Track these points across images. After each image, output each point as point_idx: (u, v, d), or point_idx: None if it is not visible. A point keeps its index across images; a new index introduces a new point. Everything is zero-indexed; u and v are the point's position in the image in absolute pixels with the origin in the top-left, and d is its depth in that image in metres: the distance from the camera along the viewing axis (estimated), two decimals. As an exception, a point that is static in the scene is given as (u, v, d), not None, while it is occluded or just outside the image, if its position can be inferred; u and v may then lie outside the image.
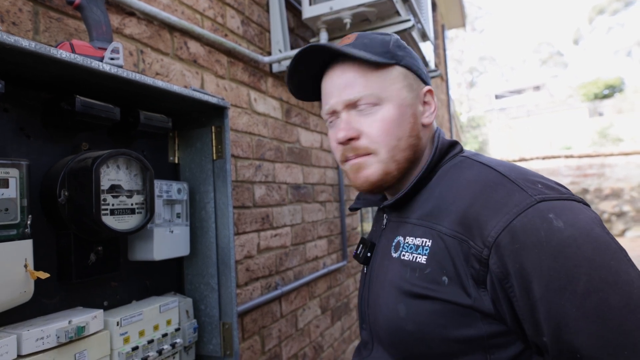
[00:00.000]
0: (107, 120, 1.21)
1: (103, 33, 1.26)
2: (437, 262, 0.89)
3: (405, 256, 0.97)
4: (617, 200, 13.29)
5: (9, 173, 0.99)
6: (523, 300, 0.79)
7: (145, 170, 1.29)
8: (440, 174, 1.01)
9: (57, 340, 1.03)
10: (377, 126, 1.00)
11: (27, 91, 1.14)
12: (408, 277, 0.93)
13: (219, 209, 1.56)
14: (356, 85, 1.01)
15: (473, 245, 0.84)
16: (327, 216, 3.24)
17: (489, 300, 0.83)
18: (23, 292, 1.00)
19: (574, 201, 0.83)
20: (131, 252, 1.39)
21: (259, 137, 2.40)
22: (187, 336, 1.45)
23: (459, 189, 0.93)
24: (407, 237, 0.99)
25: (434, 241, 0.91)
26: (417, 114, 1.04)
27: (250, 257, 2.25)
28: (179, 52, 1.86)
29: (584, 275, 0.74)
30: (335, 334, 3.26)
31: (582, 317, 0.73)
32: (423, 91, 1.06)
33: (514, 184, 0.86)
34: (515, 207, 0.81)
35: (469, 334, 0.86)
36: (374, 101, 1.00)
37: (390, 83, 1.01)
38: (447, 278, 0.87)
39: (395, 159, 1.01)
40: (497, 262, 0.80)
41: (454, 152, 1.05)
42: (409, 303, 0.92)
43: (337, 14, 2.42)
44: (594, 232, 0.77)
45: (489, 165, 0.94)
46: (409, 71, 1.04)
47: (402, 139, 1.01)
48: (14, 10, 1.22)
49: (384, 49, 1.02)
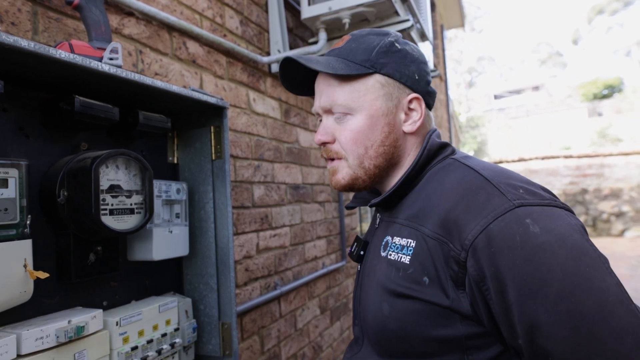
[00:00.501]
0: (106, 120, 1.22)
1: (102, 33, 1.26)
2: (420, 263, 0.90)
3: (391, 256, 0.99)
4: (616, 200, 13.30)
5: (8, 173, 0.99)
6: (498, 303, 0.80)
7: (145, 171, 1.29)
8: (429, 176, 1.02)
9: (57, 340, 1.03)
10: (345, 135, 1.05)
11: (27, 91, 1.14)
12: (393, 276, 0.95)
13: (218, 209, 1.56)
14: (329, 94, 1.05)
15: (452, 248, 0.85)
16: (326, 216, 3.24)
17: (467, 302, 0.84)
18: (22, 292, 1.00)
19: (555, 207, 0.84)
20: (130, 252, 1.39)
21: (258, 137, 2.40)
22: (187, 336, 1.45)
23: (443, 192, 0.94)
24: (394, 237, 1.01)
25: (418, 242, 0.93)
26: (395, 122, 1.05)
27: (250, 257, 2.25)
28: (177, 52, 1.86)
29: (556, 280, 0.75)
30: (334, 334, 3.26)
31: (554, 322, 0.74)
32: (407, 99, 1.06)
33: (495, 188, 0.87)
34: (493, 211, 0.83)
35: (447, 334, 0.87)
36: (344, 111, 1.04)
37: (364, 93, 1.03)
38: (428, 279, 0.88)
39: (363, 166, 1.05)
40: (474, 265, 0.82)
41: (444, 154, 1.06)
42: (392, 302, 0.94)
43: (336, 14, 2.42)
44: (570, 239, 0.78)
45: (474, 168, 0.94)
46: (391, 79, 1.04)
47: (371, 147, 1.04)
48: (13, 11, 1.22)
49: (365, 56, 1.03)
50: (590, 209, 13.58)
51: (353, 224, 3.84)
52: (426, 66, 1.10)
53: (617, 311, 0.72)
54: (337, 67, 1.01)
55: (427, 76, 1.10)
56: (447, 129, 10.58)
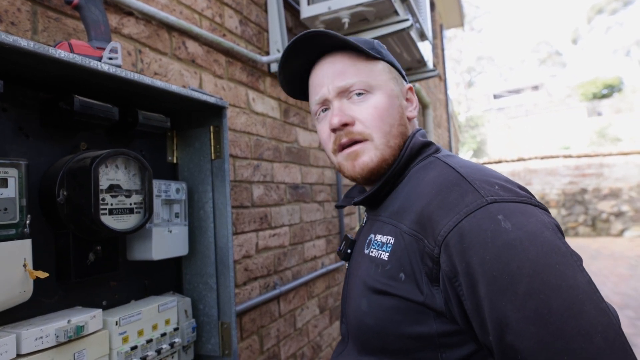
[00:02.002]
0: (105, 120, 1.22)
1: (101, 33, 1.26)
2: (397, 259, 0.91)
3: (372, 253, 1.00)
4: (616, 200, 13.32)
5: (7, 173, 0.99)
6: (470, 299, 0.79)
7: (144, 170, 1.30)
8: (411, 174, 1.04)
9: (56, 340, 1.03)
10: (370, 112, 1.04)
11: (26, 91, 1.14)
12: (372, 273, 0.96)
13: (217, 209, 1.56)
14: (348, 73, 1.05)
15: (427, 244, 0.85)
16: (326, 216, 3.24)
17: (441, 298, 0.84)
18: (22, 291, 1.00)
19: (529, 205, 0.84)
20: (130, 251, 1.39)
21: (257, 136, 2.40)
22: (186, 336, 1.45)
23: (421, 189, 0.95)
24: (377, 235, 1.02)
25: (396, 239, 0.94)
26: (402, 106, 1.10)
27: (249, 257, 2.25)
28: (177, 51, 1.86)
29: (526, 277, 0.74)
30: (333, 333, 3.26)
31: (523, 319, 0.73)
32: (405, 87, 1.13)
33: (470, 185, 0.87)
34: (465, 207, 0.83)
35: (420, 331, 0.87)
36: (365, 87, 1.05)
37: (379, 74, 1.07)
38: (404, 275, 0.89)
39: (390, 145, 1.04)
40: (447, 261, 0.82)
41: (427, 152, 1.07)
42: (370, 298, 0.95)
43: (336, 14, 2.42)
44: (542, 236, 0.77)
45: (452, 166, 0.95)
46: (393, 67, 1.11)
47: (394, 125, 1.05)
48: (12, 10, 1.22)
49: (369, 45, 1.08)
50: (589, 209, 13.60)
51: (352, 224, 3.84)
52: None
53: (586, 309, 0.71)
54: (361, 46, 1.04)
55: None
56: (447, 129, 10.58)
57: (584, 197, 13.67)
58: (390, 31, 2.49)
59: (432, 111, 7.69)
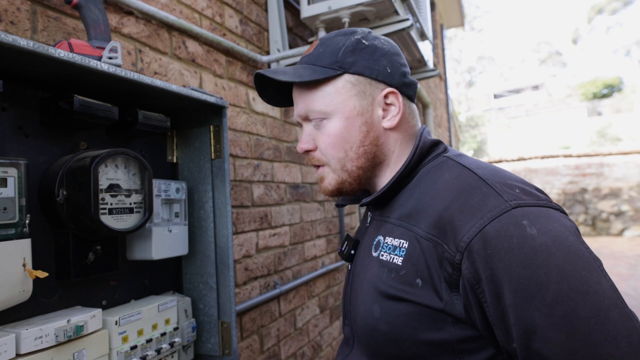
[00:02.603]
0: (105, 119, 1.21)
1: (101, 32, 1.26)
2: (412, 264, 0.89)
3: (383, 256, 0.97)
4: (616, 199, 13.31)
5: (7, 172, 0.99)
6: (494, 306, 0.78)
7: (144, 170, 1.29)
8: (422, 175, 1.00)
9: (56, 339, 1.03)
10: (324, 140, 1.04)
11: (26, 90, 1.14)
12: (384, 277, 0.93)
13: (217, 209, 1.56)
14: (303, 102, 1.06)
15: (447, 249, 0.83)
16: (326, 215, 3.24)
17: (461, 304, 0.83)
18: (22, 291, 1.00)
19: (551, 208, 0.83)
20: (130, 251, 1.39)
21: (258, 136, 2.40)
22: (186, 335, 1.45)
23: (437, 191, 0.92)
24: (386, 237, 0.99)
25: (411, 243, 0.91)
26: (373, 120, 1.03)
27: (249, 257, 2.25)
28: (177, 51, 1.86)
29: (553, 283, 0.73)
30: (333, 333, 3.26)
31: (550, 326, 0.72)
32: (382, 95, 1.03)
33: (491, 189, 0.85)
34: (489, 212, 0.81)
35: (439, 338, 0.86)
36: (320, 116, 1.04)
37: (335, 96, 1.02)
38: (421, 280, 0.87)
39: (345, 169, 1.04)
40: (469, 268, 0.80)
41: (437, 151, 1.04)
42: (383, 304, 0.92)
43: (336, 13, 2.42)
44: (567, 241, 0.77)
45: (468, 167, 0.93)
46: (362, 77, 1.02)
47: (351, 149, 1.03)
48: (12, 10, 1.22)
49: (332, 58, 1.02)
50: (589, 209, 13.59)
51: (353, 223, 3.83)
52: (399, 57, 1.07)
53: (612, 315, 0.71)
54: (303, 75, 1.01)
55: (401, 67, 1.06)
56: (447, 129, 10.58)
57: (584, 197, 13.67)
58: (390, 31, 2.48)
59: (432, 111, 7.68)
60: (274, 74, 1.01)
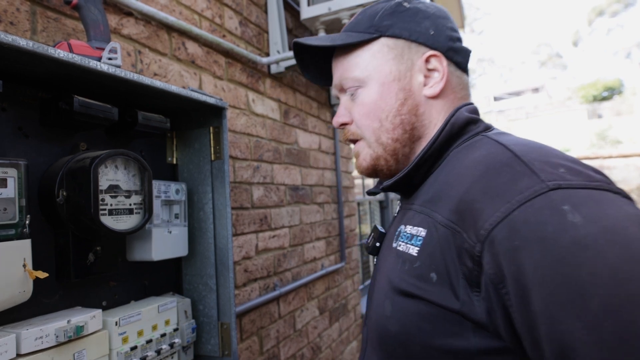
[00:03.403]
0: (105, 120, 1.21)
1: (101, 33, 1.26)
2: (428, 256, 0.76)
3: (400, 246, 0.85)
4: (616, 201, 13.31)
5: (7, 173, 0.99)
6: (520, 312, 0.62)
7: (144, 171, 1.29)
8: (452, 155, 0.87)
9: (56, 340, 1.03)
10: (358, 110, 0.96)
11: (25, 90, 1.14)
12: (398, 270, 0.82)
13: (217, 210, 1.56)
14: (337, 70, 1.00)
15: (466, 239, 0.69)
16: (325, 217, 3.24)
17: (483, 307, 0.67)
18: (22, 291, 1.00)
19: (607, 191, 0.64)
20: (130, 252, 1.39)
21: (257, 138, 2.40)
22: (186, 336, 1.45)
23: (462, 171, 0.79)
24: (407, 226, 0.87)
25: (429, 231, 0.78)
26: (412, 87, 0.92)
27: (249, 258, 2.25)
28: (177, 52, 1.86)
29: (602, 288, 0.56)
30: (333, 334, 3.26)
31: (596, 344, 0.55)
32: (422, 58, 0.92)
33: (526, 166, 0.69)
34: (519, 194, 0.65)
35: (455, 346, 0.71)
36: (355, 84, 0.96)
37: (370, 61, 0.94)
38: (436, 275, 0.74)
39: (380, 142, 0.94)
40: (491, 262, 0.65)
41: (474, 130, 0.89)
42: (395, 300, 0.81)
43: (336, 15, 2.42)
44: (624, 233, 0.58)
45: (504, 144, 0.77)
46: (400, 39, 0.92)
47: (386, 119, 0.93)
48: (11, 10, 1.22)
49: (369, 23, 0.95)
50: (589, 211, 13.59)
51: (352, 225, 3.84)
52: (447, 21, 0.96)
53: None
54: (336, 39, 0.95)
55: (447, 31, 0.94)
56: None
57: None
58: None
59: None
60: (307, 41, 0.96)
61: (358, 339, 3.79)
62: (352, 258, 3.78)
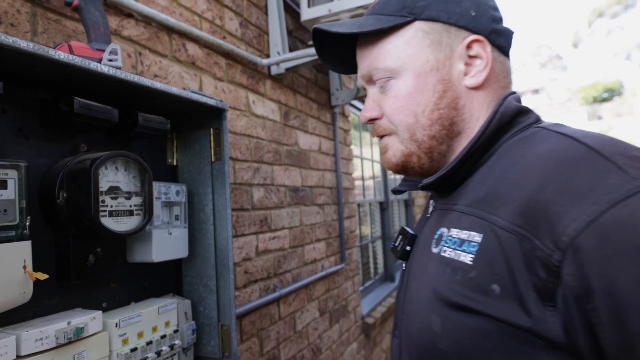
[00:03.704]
0: (105, 121, 1.21)
1: (101, 34, 1.26)
2: (487, 264, 0.67)
3: (446, 252, 0.76)
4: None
5: (7, 174, 0.99)
6: (613, 333, 0.55)
7: (144, 172, 1.29)
8: (504, 149, 0.78)
9: (56, 341, 1.03)
10: (390, 104, 0.85)
11: (26, 92, 1.14)
12: (447, 279, 0.72)
13: (217, 211, 1.56)
14: (365, 60, 0.88)
15: (539, 246, 0.60)
16: (326, 219, 3.24)
17: (559, 324, 0.59)
18: (22, 293, 1.00)
19: None
20: (130, 253, 1.39)
21: (258, 139, 2.40)
22: (186, 338, 1.45)
23: (525, 168, 0.68)
24: (451, 229, 0.78)
25: (485, 236, 0.68)
26: (452, 77, 0.82)
27: (249, 260, 2.25)
28: (177, 54, 1.86)
29: None
30: (333, 336, 3.26)
31: None
32: (463, 44, 0.81)
33: (608, 161, 0.60)
34: (608, 194, 0.57)
35: None
36: (386, 75, 0.85)
37: (403, 48, 0.83)
38: (499, 287, 0.64)
39: (415, 139, 0.84)
40: (575, 273, 0.57)
41: (525, 121, 0.80)
42: (446, 314, 0.71)
43: (336, 16, 2.42)
44: None
45: (573, 136, 0.68)
46: (437, 23, 0.82)
47: (422, 113, 0.82)
48: (12, 12, 1.23)
49: (401, 4, 0.83)
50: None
51: (352, 227, 3.84)
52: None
53: None
54: (364, 24, 0.83)
55: (489, 10, 0.84)
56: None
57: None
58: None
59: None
60: (330, 27, 0.85)
61: (358, 341, 3.78)
62: (352, 259, 3.78)
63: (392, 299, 4.90)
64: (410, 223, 6.78)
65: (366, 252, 4.90)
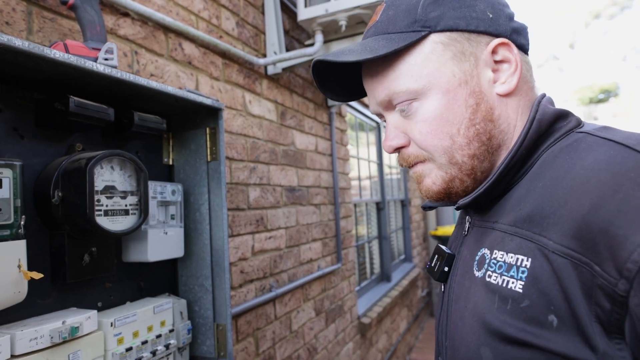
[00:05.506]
0: (101, 121, 1.21)
1: (97, 33, 1.26)
2: (541, 293, 0.60)
3: (492, 278, 0.69)
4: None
5: (2, 173, 0.99)
6: None
7: (140, 172, 1.29)
8: (546, 160, 0.71)
9: (51, 341, 1.03)
10: (419, 129, 0.77)
11: (21, 91, 1.14)
12: (496, 309, 0.66)
13: (213, 211, 1.56)
14: (380, 85, 0.80)
15: (600, 273, 0.54)
16: (322, 219, 3.24)
17: (628, 358, 0.54)
18: (17, 292, 1.00)
19: None
20: (125, 253, 1.39)
21: (254, 139, 2.40)
22: (181, 337, 1.45)
23: (575, 182, 0.62)
24: (494, 251, 0.71)
25: (536, 260, 0.62)
26: (482, 87, 0.76)
27: (245, 259, 2.25)
28: (173, 53, 1.86)
29: None
30: (329, 336, 3.26)
31: None
32: (488, 50, 0.75)
33: None
34: None
35: None
36: (408, 98, 0.77)
37: (424, 66, 0.75)
38: (557, 318, 0.58)
39: (455, 162, 0.76)
40: None
41: (566, 126, 0.73)
42: (497, 348, 0.65)
43: (333, 16, 2.42)
44: None
45: (625, 143, 0.61)
46: (456, 32, 0.75)
47: (458, 133, 0.75)
48: (7, 10, 1.22)
49: (410, 18, 0.76)
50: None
51: (349, 227, 3.84)
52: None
53: None
54: (376, 48, 0.75)
55: (504, 9, 0.78)
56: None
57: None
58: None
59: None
60: (337, 57, 0.76)
61: (354, 340, 3.79)
62: (348, 259, 3.78)
63: (388, 298, 4.90)
64: (407, 223, 6.78)
65: (362, 252, 4.90)
